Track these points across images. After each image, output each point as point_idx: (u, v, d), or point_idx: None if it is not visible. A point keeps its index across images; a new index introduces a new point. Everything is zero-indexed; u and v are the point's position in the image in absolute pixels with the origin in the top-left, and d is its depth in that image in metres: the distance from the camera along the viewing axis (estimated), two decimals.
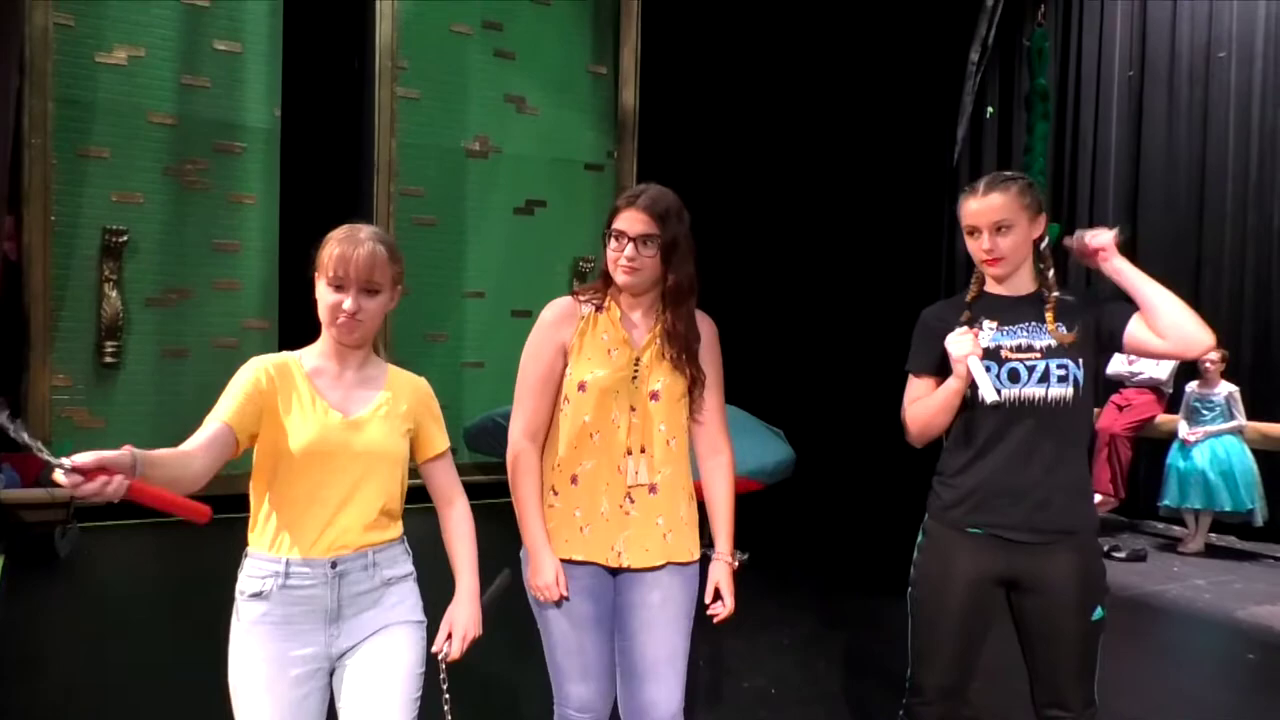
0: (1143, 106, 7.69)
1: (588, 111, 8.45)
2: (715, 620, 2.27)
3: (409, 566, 2.11)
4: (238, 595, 1.97)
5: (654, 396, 2.24)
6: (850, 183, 5.87)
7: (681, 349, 2.25)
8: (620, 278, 2.23)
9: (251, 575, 1.97)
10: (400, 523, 2.10)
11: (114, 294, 6.59)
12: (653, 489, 2.24)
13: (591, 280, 3.13)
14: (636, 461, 2.23)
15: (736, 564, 2.30)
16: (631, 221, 2.20)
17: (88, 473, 1.53)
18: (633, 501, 2.24)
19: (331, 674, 2.02)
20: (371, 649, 2.01)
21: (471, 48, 7.90)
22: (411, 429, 2.09)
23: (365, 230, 2.03)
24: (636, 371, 2.25)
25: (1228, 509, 6.20)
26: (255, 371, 1.98)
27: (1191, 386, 6.41)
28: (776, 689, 3.84)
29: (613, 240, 2.23)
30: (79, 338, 6.56)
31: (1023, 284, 2.35)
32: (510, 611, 2.25)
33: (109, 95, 6.59)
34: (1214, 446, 6.22)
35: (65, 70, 6.43)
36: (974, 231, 2.32)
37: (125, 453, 1.59)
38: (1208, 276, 7.26)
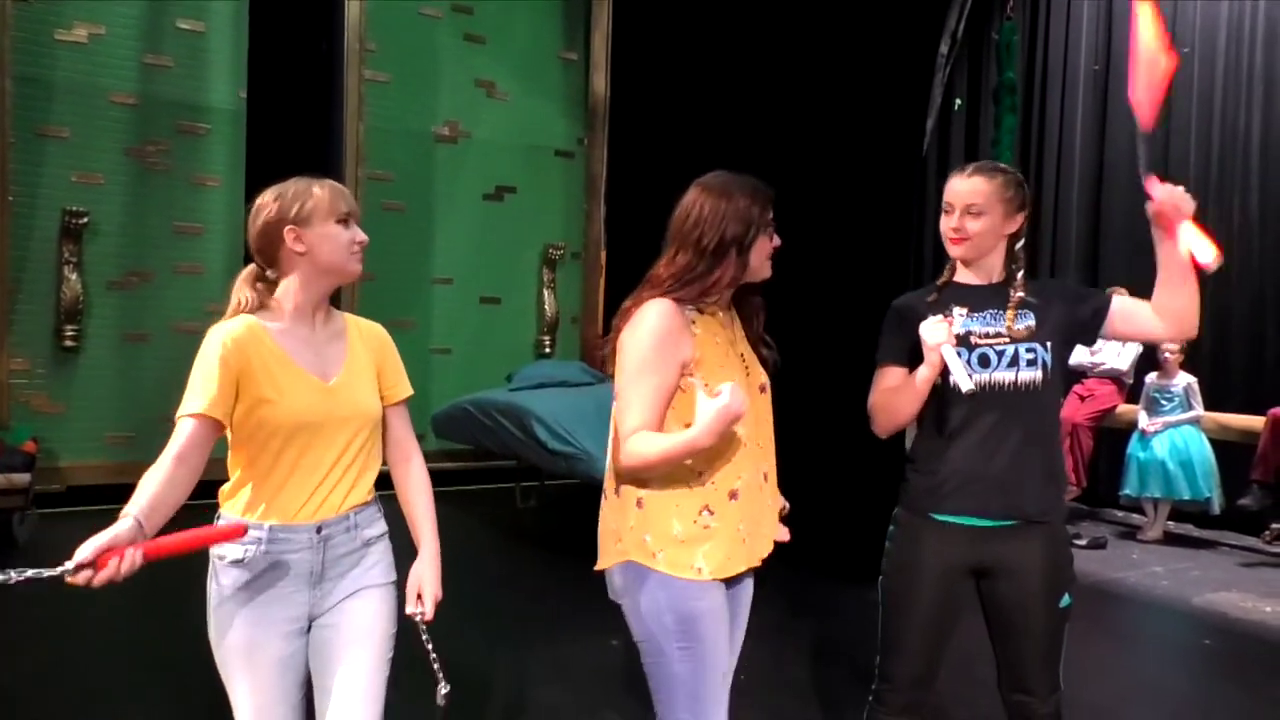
0: (1108, 100, 7.76)
1: (558, 98, 8.40)
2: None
3: (384, 525, 2.10)
4: (215, 561, 1.94)
5: (763, 389, 2.15)
6: (820, 172, 5.89)
7: (761, 335, 2.20)
8: (768, 272, 2.13)
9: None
10: (373, 484, 2.08)
11: (74, 277, 6.48)
12: (765, 477, 2.15)
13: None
14: (759, 459, 2.14)
15: None
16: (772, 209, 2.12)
17: (96, 562, 1.56)
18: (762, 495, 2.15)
19: (309, 629, 2.01)
20: (347, 613, 2.00)
21: (441, 31, 7.82)
22: (378, 379, 2.07)
23: (311, 178, 2.02)
24: (746, 366, 2.14)
25: (1186, 498, 6.30)
26: (219, 349, 1.87)
27: (1151, 378, 6.49)
28: (745, 676, 3.85)
29: (767, 234, 2.10)
30: (38, 321, 6.44)
31: (993, 274, 2.38)
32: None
33: (69, 74, 6.46)
34: (1173, 437, 6.31)
35: (24, 47, 6.29)
36: (948, 209, 2.36)
37: (124, 521, 1.62)
38: None
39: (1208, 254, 2.18)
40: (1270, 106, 6.94)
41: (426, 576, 2.03)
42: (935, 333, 2.20)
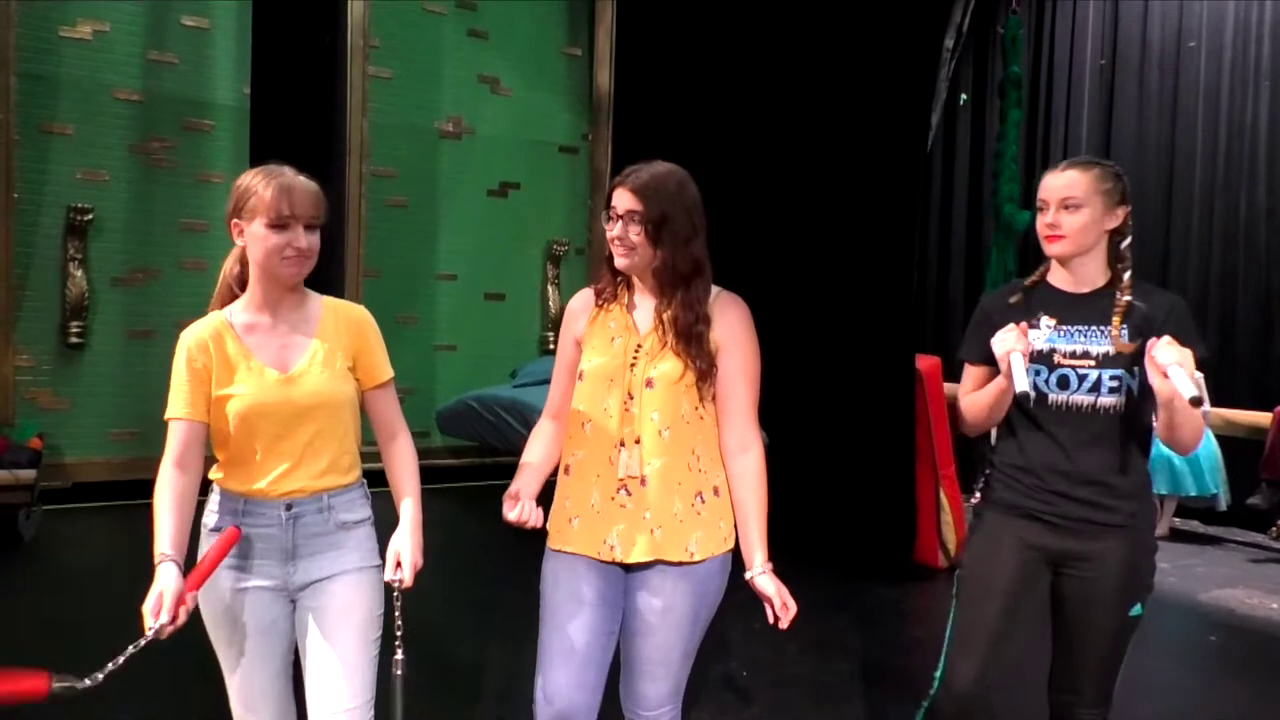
0: (1114, 95, 7.75)
1: (562, 93, 8.40)
2: (785, 628, 2.12)
3: (366, 511, 2.13)
4: (203, 528, 2.07)
5: (649, 384, 2.13)
6: (824, 166, 5.86)
7: (680, 334, 2.12)
8: (616, 260, 2.15)
9: (213, 510, 2.07)
10: (358, 468, 2.13)
11: (79, 273, 6.49)
12: (643, 481, 2.12)
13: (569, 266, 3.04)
14: (629, 453, 2.12)
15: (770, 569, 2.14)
16: (619, 198, 2.12)
17: (174, 617, 1.79)
18: (629, 494, 2.13)
19: (293, 604, 2.09)
20: (329, 596, 2.06)
21: (445, 27, 7.82)
22: (352, 363, 2.09)
23: (287, 169, 2.01)
24: (636, 359, 2.14)
25: (1192, 494, 6.28)
26: (185, 356, 2.00)
27: None
28: (747, 672, 3.86)
29: (606, 220, 2.15)
30: (43, 317, 6.46)
31: (1090, 278, 2.28)
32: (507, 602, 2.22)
33: (73, 71, 6.47)
34: None
35: (27, 44, 6.30)
36: (1043, 206, 2.26)
37: (172, 572, 1.83)
38: (1175, 263, 7.35)
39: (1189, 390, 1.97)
40: (1277, 100, 6.92)
41: (405, 545, 2.03)
42: (1004, 341, 2.15)
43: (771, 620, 2.11)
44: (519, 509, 2.09)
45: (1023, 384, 2.08)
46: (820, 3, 5.86)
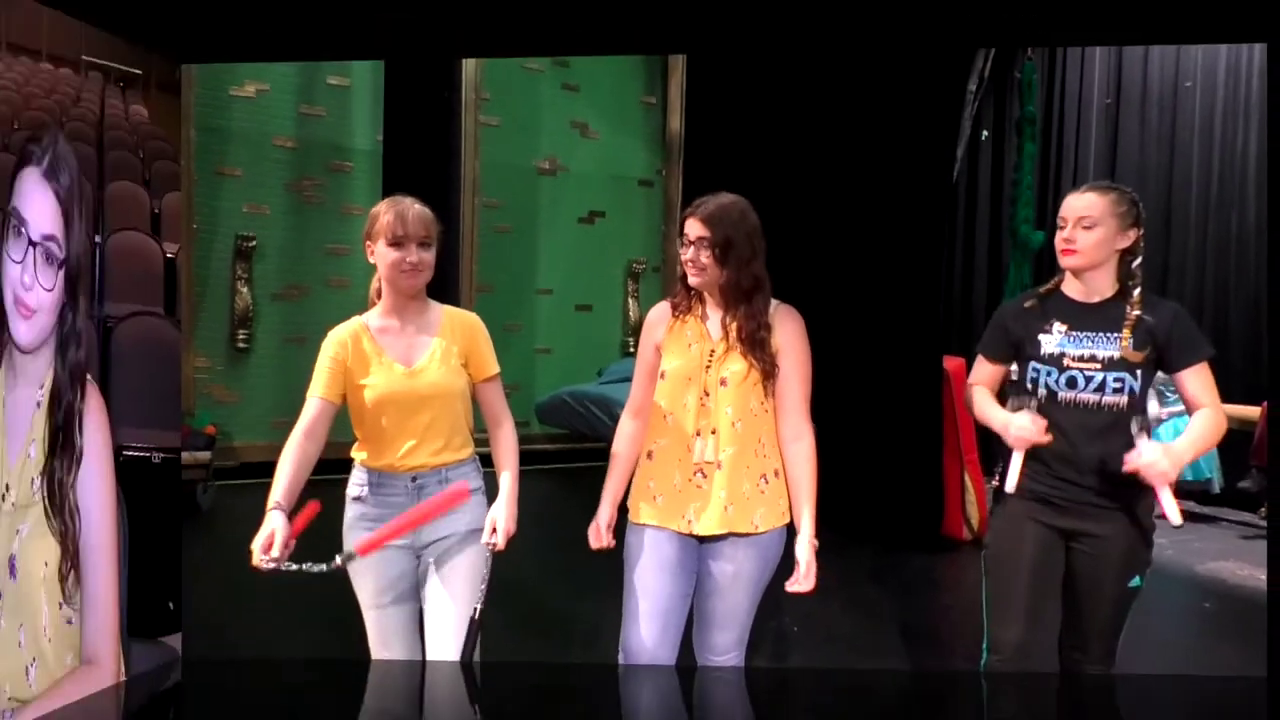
0: (1118, 130, 7.54)
1: (640, 136, 8.41)
2: (788, 591, 2.17)
3: (477, 482, 2.21)
4: (347, 497, 2.18)
5: (723, 383, 2.16)
6: (864, 196, 5.80)
7: (745, 341, 2.16)
8: (689, 278, 2.18)
9: (354, 482, 2.19)
10: (470, 446, 2.21)
11: (245, 290, 6.70)
12: (719, 465, 2.17)
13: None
14: (704, 441, 2.16)
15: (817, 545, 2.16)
16: (691, 226, 2.16)
17: (281, 556, 1.93)
18: (705, 477, 2.17)
19: (418, 559, 2.19)
20: (443, 552, 2.15)
21: (542, 82, 7.89)
22: (464, 360, 2.16)
23: (407, 198, 2.13)
24: (710, 362, 2.17)
25: (1189, 478, 6.10)
26: (334, 347, 2.13)
27: (1160, 374, 6.27)
28: (798, 628, 3.84)
29: (681, 245, 2.19)
30: (216, 326, 6.68)
31: (1100, 290, 2.23)
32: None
33: (241, 123, 6.68)
34: (1178, 424, 6.09)
35: (204, 102, 6.52)
36: (1062, 224, 2.21)
37: (280, 518, 1.95)
38: (1173, 279, 7.13)
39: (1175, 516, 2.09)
40: (1265, 128, 6.66)
41: (501, 514, 2.11)
42: (1025, 433, 2.14)
43: (789, 583, 2.15)
44: (602, 540, 2.27)
45: (1010, 486, 2.16)
46: (861, 57, 5.80)
